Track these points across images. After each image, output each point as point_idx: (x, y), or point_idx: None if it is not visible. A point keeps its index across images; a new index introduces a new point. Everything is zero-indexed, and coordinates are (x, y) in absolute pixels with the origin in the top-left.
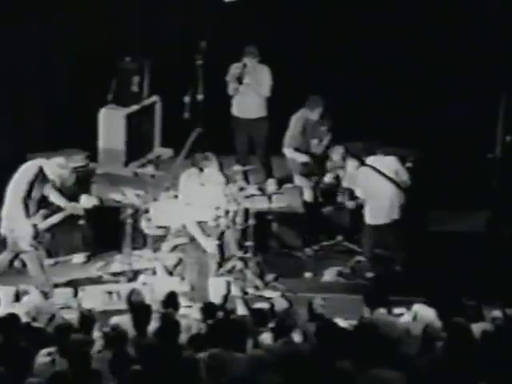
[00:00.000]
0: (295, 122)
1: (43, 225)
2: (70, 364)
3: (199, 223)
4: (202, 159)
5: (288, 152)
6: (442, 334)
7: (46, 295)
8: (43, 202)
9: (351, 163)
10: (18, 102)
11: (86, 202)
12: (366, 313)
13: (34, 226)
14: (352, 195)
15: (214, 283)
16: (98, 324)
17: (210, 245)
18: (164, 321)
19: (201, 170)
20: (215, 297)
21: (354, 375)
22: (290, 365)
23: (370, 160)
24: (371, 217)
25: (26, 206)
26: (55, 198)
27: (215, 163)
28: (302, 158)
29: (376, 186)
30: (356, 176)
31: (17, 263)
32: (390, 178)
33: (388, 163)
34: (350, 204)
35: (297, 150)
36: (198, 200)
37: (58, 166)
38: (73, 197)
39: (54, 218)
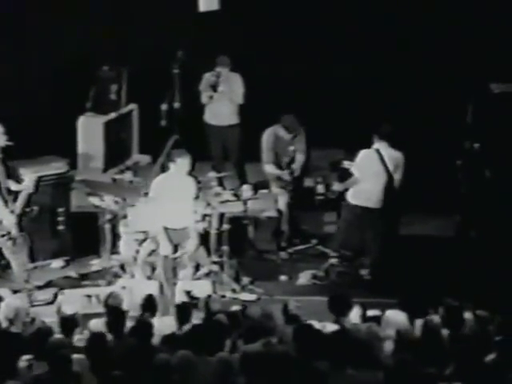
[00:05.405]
0: (266, 137)
1: (16, 209)
2: (49, 367)
3: (167, 230)
4: (178, 155)
5: (269, 168)
6: (414, 336)
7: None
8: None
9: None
10: None
11: (29, 177)
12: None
13: (12, 211)
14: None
15: (183, 288)
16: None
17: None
18: (137, 323)
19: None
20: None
21: (330, 376)
22: (268, 366)
23: (377, 144)
24: (352, 196)
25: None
26: (12, 184)
27: (188, 161)
28: (285, 176)
29: (371, 169)
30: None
31: None
32: (387, 169)
33: (394, 156)
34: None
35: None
36: (169, 204)
37: None
38: (53, 202)
39: (21, 201)
